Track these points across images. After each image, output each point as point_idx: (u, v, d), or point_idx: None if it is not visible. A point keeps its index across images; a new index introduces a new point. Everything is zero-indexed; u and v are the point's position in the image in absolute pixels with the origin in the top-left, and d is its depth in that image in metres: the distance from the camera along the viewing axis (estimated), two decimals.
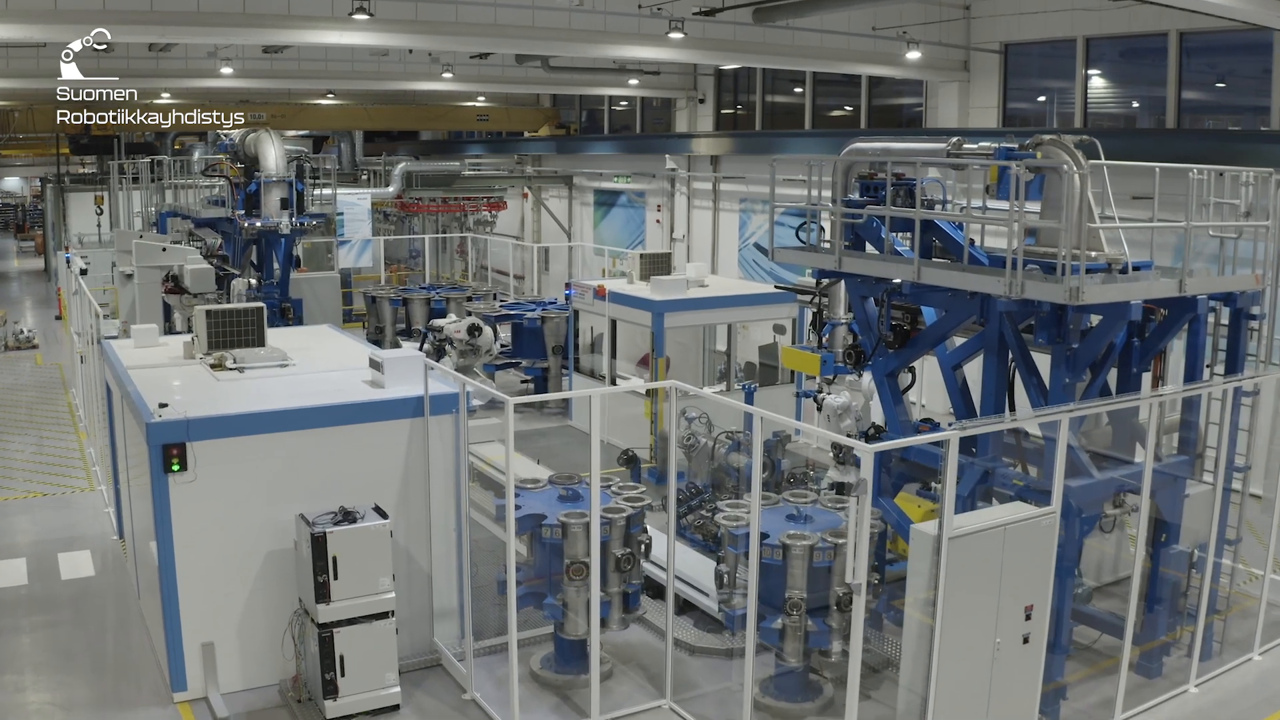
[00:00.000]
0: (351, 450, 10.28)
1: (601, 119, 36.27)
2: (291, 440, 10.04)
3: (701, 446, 15.36)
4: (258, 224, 19.17)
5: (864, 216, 11.57)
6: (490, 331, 17.39)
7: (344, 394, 10.67)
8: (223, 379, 11.40)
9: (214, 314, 12.49)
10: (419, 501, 10.61)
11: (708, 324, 19.60)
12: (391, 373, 10.79)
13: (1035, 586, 9.23)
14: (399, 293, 23.77)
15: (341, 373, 11.66)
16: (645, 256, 20.19)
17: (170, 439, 9.54)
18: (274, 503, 9.98)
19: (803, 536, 9.62)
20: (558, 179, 36.03)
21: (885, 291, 11.32)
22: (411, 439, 10.50)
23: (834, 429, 14.10)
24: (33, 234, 54.59)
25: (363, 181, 35.60)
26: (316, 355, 12.70)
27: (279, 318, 20.37)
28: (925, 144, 12.02)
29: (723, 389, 19.03)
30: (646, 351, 19.70)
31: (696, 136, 28.89)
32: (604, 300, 19.02)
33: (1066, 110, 21.71)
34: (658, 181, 30.95)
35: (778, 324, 19.51)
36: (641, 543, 10.27)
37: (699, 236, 29.42)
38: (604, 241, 33.88)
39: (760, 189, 26.95)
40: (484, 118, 36.74)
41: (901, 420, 11.86)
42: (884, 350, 11.90)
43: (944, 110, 22.51)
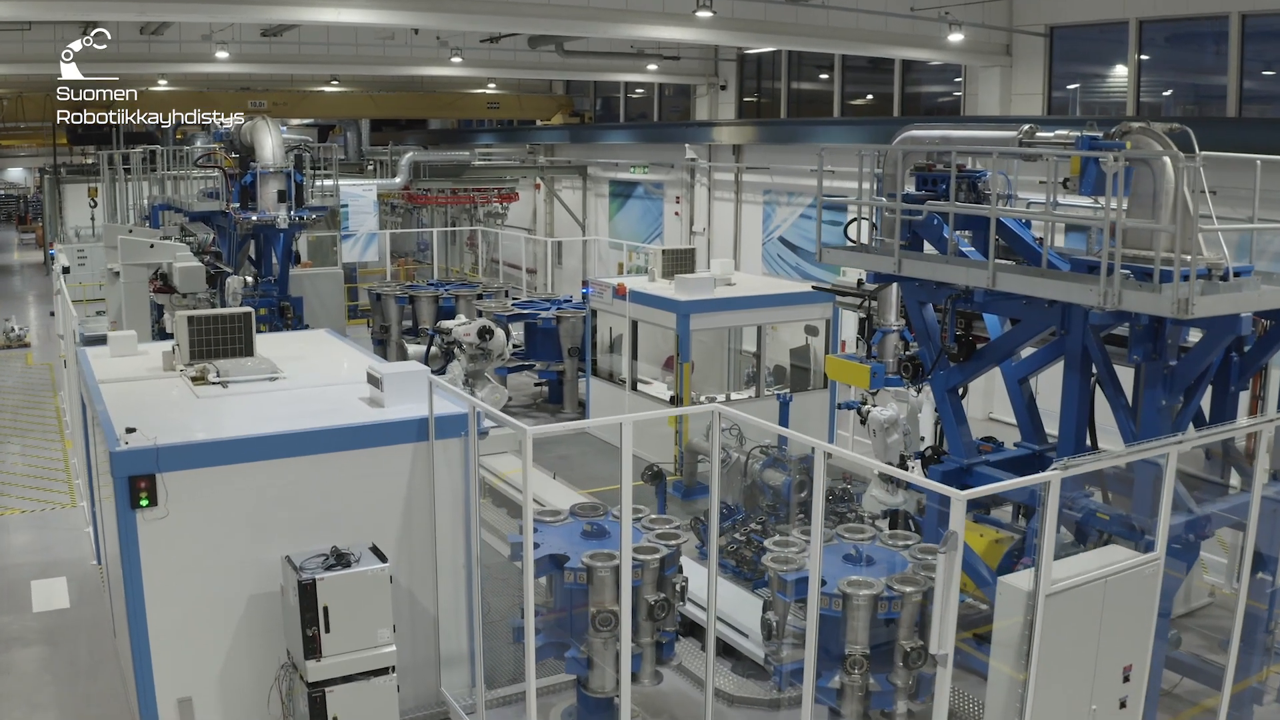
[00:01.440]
0: (347, 480, 9.03)
1: (617, 107, 34.93)
2: (278, 470, 8.79)
3: (733, 462, 14.12)
4: (253, 218, 17.92)
5: (924, 213, 10.29)
6: (502, 334, 16.11)
7: (339, 414, 9.42)
8: (203, 395, 10.14)
9: (197, 321, 11.23)
10: (423, 536, 9.36)
11: (736, 326, 18.32)
12: (392, 389, 9.54)
13: (1135, 644, 8.00)
14: (405, 290, 22.49)
15: (338, 387, 10.41)
16: (668, 253, 18.90)
17: (137, 470, 8.30)
18: (258, 541, 8.74)
19: (865, 584, 8.34)
20: (571, 169, 34.71)
21: (949, 298, 10.04)
22: (415, 466, 9.25)
23: (879, 444, 12.84)
24: (34, 226, 53.49)
25: (369, 172, 34.34)
26: (310, 366, 11.45)
27: (278, 317, 19.18)
28: (991, 131, 10.72)
29: (751, 395, 17.74)
30: (670, 354, 18.45)
31: (718, 125, 27.55)
32: (624, 300, 17.75)
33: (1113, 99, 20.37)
34: (676, 172, 29.63)
35: (810, 325, 18.22)
36: (677, 585, 9.00)
37: (720, 230, 28.11)
38: (619, 234, 32.58)
39: (786, 180, 25.65)
40: (494, 105, 35.41)
41: (965, 442, 10.58)
42: (945, 363, 10.63)
43: (984, 97, 21.15)
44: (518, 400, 21.23)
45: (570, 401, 20.20)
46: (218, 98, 28.21)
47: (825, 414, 18.12)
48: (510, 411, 20.22)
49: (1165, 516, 7.97)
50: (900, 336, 11.96)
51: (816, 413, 17.78)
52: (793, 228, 25.55)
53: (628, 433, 7.85)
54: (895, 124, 23.05)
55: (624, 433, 7.86)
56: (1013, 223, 10.13)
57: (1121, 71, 19.97)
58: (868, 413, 13.00)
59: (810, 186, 24.66)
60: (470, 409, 8.69)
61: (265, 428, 9.05)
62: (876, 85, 25.28)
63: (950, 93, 23.64)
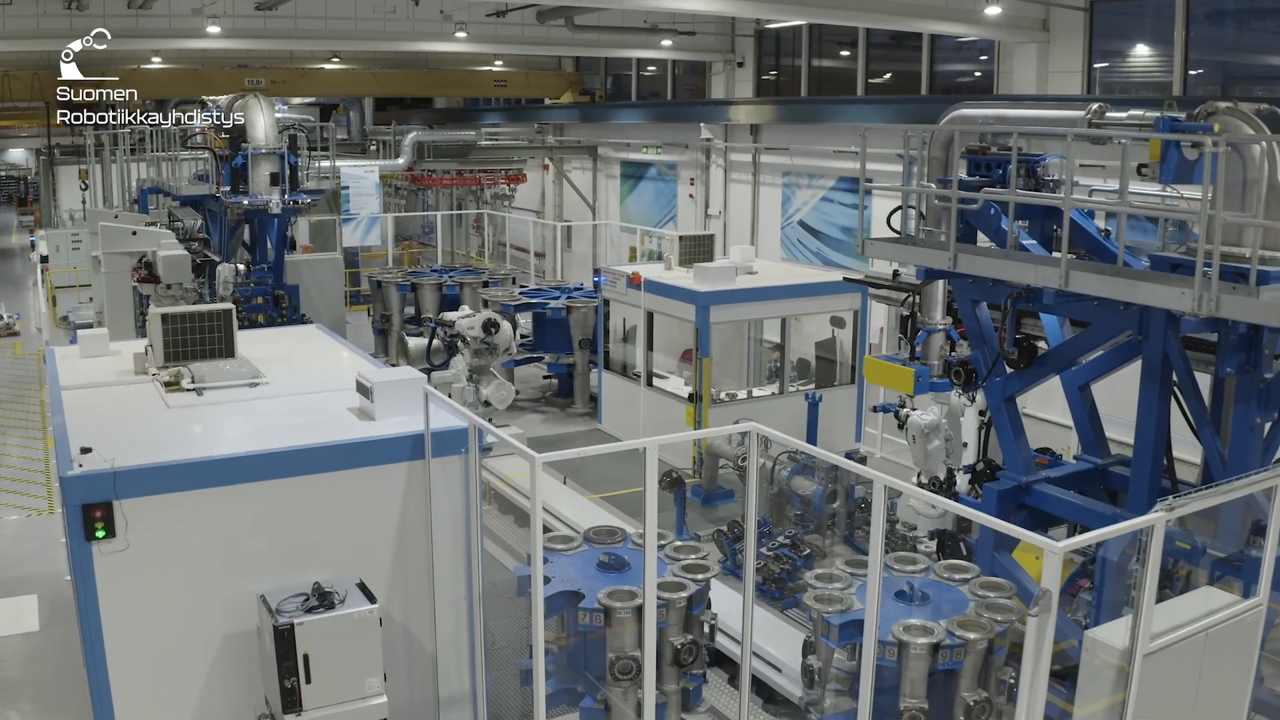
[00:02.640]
0: (333, 504, 7.99)
1: (629, 85, 33.71)
2: (255, 494, 7.75)
3: (759, 468, 13.04)
4: (244, 202, 16.86)
5: (979, 202, 9.19)
6: (509, 328, 15.06)
7: (325, 428, 8.37)
8: (175, 405, 9.09)
9: (172, 319, 10.18)
10: (419, 565, 8.32)
11: (759, 318, 17.24)
12: (383, 400, 8.48)
13: (1233, 699, 6.98)
14: (408, 277, 21.42)
15: (325, 395, 9.35)
16: (685, 239, 17.79)
17: (92, 497, 7.26)
18: (233, 574, 7.72)
19: (922, 629, 7.29)
20: (581, 149, 33.51)
21: (1009, 297, 8.94)
22: (409, 487, 8.21)
23: (919, 451, 11.76)
24: (34, 208, 52.42)
25: (371, 153, 33.19)
26: (296, 369, 10.40)
27: (272, 306, 18.15)
28: (1051, 110, 9.62)
29: (775, 391, 16.67)
30: (688, 346, 17.38)
31: (734, 104, 26.35)
32: (639, 290, 16.67)
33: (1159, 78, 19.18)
34: (691, 153, 28.46)
35: (836, 316, 17.13)
36: (706, 624, 7.97)
37: (737, 213, 26.96)
38: (631, 217, 31.43)
39: (806, 161, 24.50)
40: (501, 83, 34.18)
41: (1024, 456, 9.50)
42: (1002, 368, 9.54)
43: (1020, 75, 19.94)
44: (526, 394, 20.19)
45: (581, 396, 19.15)
46: (213, 76, 27.09)
47: (852, 411, 17.06)
48: (518, 405, 19.19)
49: (1270, 556, 6.92)
50: (946, 336, 10.88)
51: (843, 410, 16.73)
52: (813, 211, 24.40)
53: (651, 459, 6.80)
54: (924, 103, 21.90)
55: (647, 460, 6.81)
56: (1075, 213, 9.07)
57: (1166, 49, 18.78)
58: (906, 417, 11.94)
59: (833, 169, 23.53)
60: (471, 429, 7.64)
61: (240, 446, 8.00)
62: (902, 62, 24.08)
63: (982, 70, 22.44)
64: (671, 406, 16.30)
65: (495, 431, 7.29)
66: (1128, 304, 8.13)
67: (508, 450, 15.14)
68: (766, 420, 15.34)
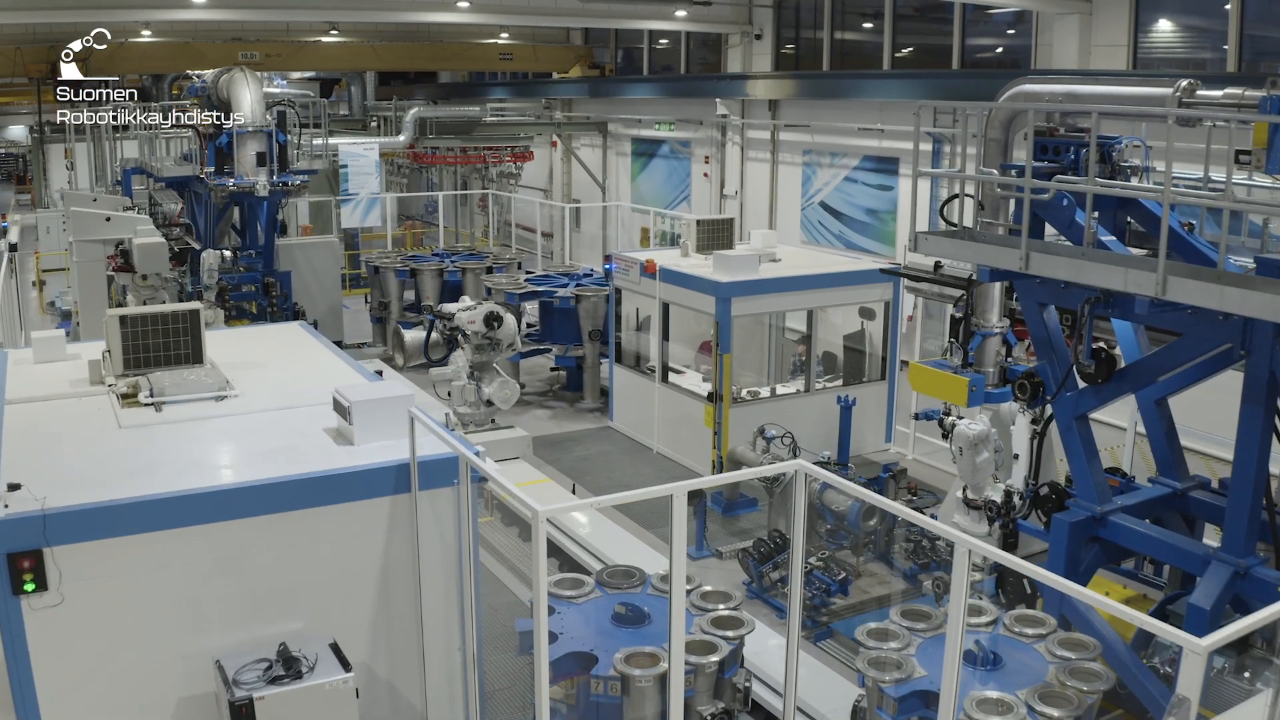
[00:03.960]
0: (304, 546, 6.87)
1: (640, 58, 32.37)
2: (213, 537, 6.63)
3: (786, 480, 11.87)
4: (230, 184, 15.70)
5: (1051, 191, 8.02)
6: (513, 321, 13.89)
7: (296, 455, 7.23)
8: (129, 424, 7.95)
9: (132, 322, 9.04)
10: (405, 615, 7.20)
11: (785, 310, 16.06)
12: (363, 421, 7.34)
13: None
14: (406, 262, 20.25)
15: (301, 410, 8.21)
16: (704, 223, 16.58)
17: (19, 544, 6.15)
18: (189, 629, 6.62)
19: (1000, 703, 6.15)
20: (591, 126, 32.20)
21: (1086, 302, 7.76)
22: (393, 525, 7.08)
23: (966, 464, 10.59)
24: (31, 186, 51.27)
25: (372, 129, 31.92)
26: (272, 376, 9.27)
27: (262, 294, 17.03)
28: (1132, 88, 8.40)
29: (800, 389, 15.49)
30: (705, 338, 16.22)
31: (752, 78, 25.03)
32: (654, 278, 15.49)
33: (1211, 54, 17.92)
34: (705, 129, 27.19)
35: (866, 307, 15.94)
36: (740, 687, 6.84)
37: (754, 193, 25.70)
38: (643, 196, 30.18)
39: (828, 139, 23.24)
40: (507, 56, 32.83)
41: (1098, 482, 8.34)
42: (1073, 382, 8.38)
43: (1060, 49, 18.64)
44: (532, 386, 19.07)
45: (591, 390, 18.00)
46: (205, 50, 25.84)
47: (882, 409, 15.90)
48: (524, 399, 18.02)
49: None
50: (1003, 340, 9.70)
51: (873, 408, 15.57)
52: (835, 192, 23.15)
53: (679, 509, 5.64)
54: (956, 78, 20.64)
55: (674, 508, 5.65)
56: (1154, 205, 7.91)
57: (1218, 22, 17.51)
58: (952, 425, 10.77)
59: (856, 147, 22.27)
60: (461, 465, 6.49)
61: (198, 478, 6.86)
62: (930, 35, 22.78)
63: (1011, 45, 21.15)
64: (688, 405, 15.15)
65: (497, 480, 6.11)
66: (1227, 314, 6.97)
67: (513, 455, 14.09)
68: (792, 421, 14.23)
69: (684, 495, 5.61)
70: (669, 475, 14.95)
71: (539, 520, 5.34)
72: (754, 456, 12.55)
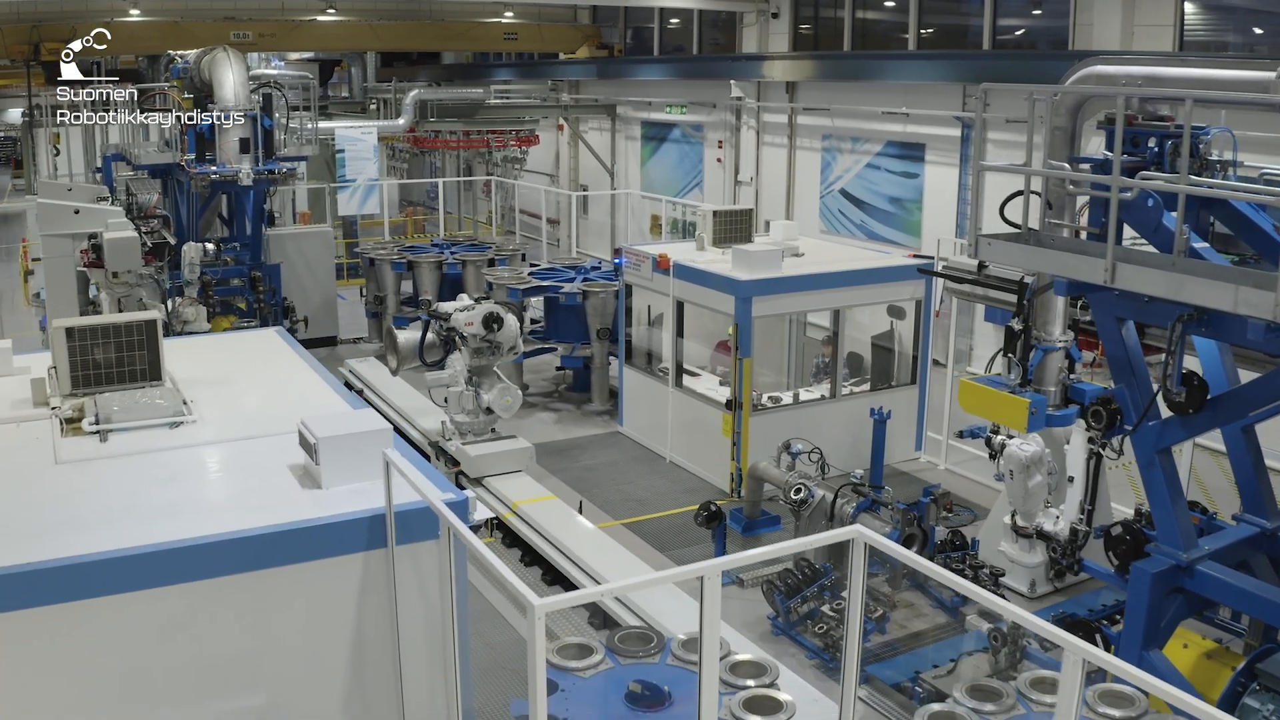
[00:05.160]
0: (263, 612, 5.80)
1: (650, 38, 31.15)
2: (158, 604, 5.56)
3: (817, 502, 10.85)
4: (211, 172, 14.60)
5: (1135, 190, 6.91)
6: (514, 322, 12.81)
7: (254, 500, 6.16)
8: (67, 458, 6.88)
9: (80, 334, 7.97)
10: (382, 688, 6.13)
11: (810, 311, 14.96)
12: (333, 460, 6.25)
13: None
14: (403, 254, 19.16)
15: (267, 440, 7.14)
16: (721, 214, 15.44)
17: None
18: (131, 710, 5.56)
19: None
20: (599, 109, 31.01)
21: (1179, 321, 6.64)
22: (367, 587, 6.00)
23: (1017, 489, 9.51)
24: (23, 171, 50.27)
25: (372, 112, 30.77)
26: (237, 396, 8.20)
27: (249, 289, 15.96)
28: (1222, 70, 7.27)
29: (825, 394, 14.39)
30: (723, 338, 15.13)
31: (769, 59, 23.84)
32: (667, 274, 14.39)
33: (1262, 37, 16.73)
34: (719, 113, 26.01)
35: (895, 306, 14.83)
36: None
37: (770, 180, 24.54)
38: (653, 182, 29.02)
39: (849, 124, 22.07)
40: (512, 36, 31.63)
41: (1184, 527, 7.24)
42: (1156, 410, 7.28)
43: (1102, 29, 17.42)
44: (536, 387, 18.00)
45: (599, 392, 16.90)
46: (196, 30, 24.70)
47: (912, 415, 14.80)
48: (528, 401, 16.94)
49: None
50: (1066, 355, 8.59)
51: (903, 414, 14.44)
52: (857, 179, 21.99)
53: (713, 592, 4.55)
54: (987, 59, 19.43)
55: (705, 592, 4.57)
56: (1246, 207, 6.83)
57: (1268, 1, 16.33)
58: (1001, 445, 9.69)
59: (879, 131, 21.09)
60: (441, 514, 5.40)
61: (137, 532, 5.78)
62: (958, 15, 21.57)
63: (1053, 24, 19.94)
64: (704, 412, 14.06)
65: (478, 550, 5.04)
66: None
67: (515, 468, 13.02)
68: (817, 430, 13.12)
69: (717, 577, 4.52)
70: (683, 488, 13.88)
71: (535, 615, 4.26)
72: (778, 473, 11.46)
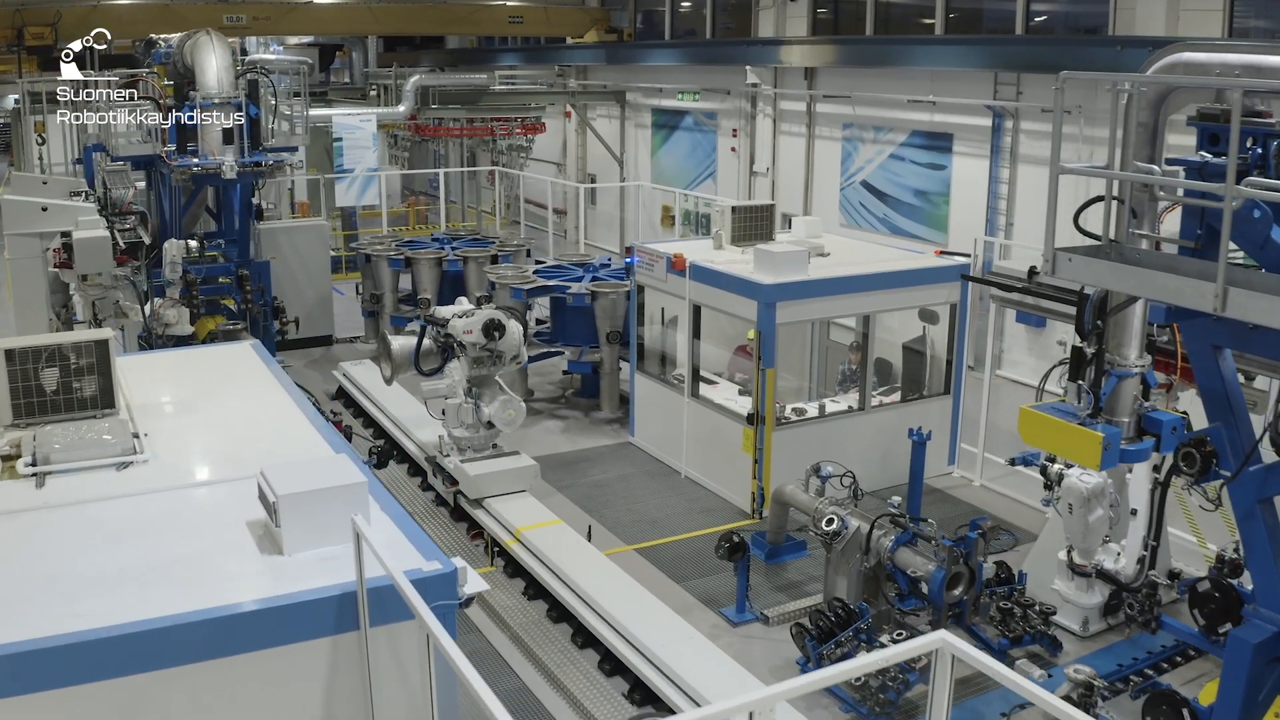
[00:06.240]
0: (217, 709, 4.82)
1: (662, 21, 30.05)
2: (88, 702, 4.59)
3: (851, 534, 9.85)
4: (193, 165, 13.59)
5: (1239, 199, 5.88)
6: (517, 329, 11.83)
7: (206, 574, 5.17)
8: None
9: (19, 357, 6.98)
10: None
11: (839, 316, 13.94)
12: (296, 522, 5.25)
13: None
14: (401, 250, 18.15)
15: (226, 487, 6.15)
16: (739, 211, 14.39)
17: None
18: None
19: None
20: (607, 95, 29.92)
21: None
22: (336, 675, 5.01)
23: (1077, 524, 8.53)
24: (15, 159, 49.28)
25: (372, 99, 29.72)
26: (198, 427, 7.21)
27: (235, 289, 14.97)
28: None
29: (853, 405, 13.36)
30: (744, 342, 14.13)
31: (786, 43, 22.75)
32: (683, 276, 13.36)
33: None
34: (733, 100, 24.92)
35: (928, 309, 13.79)
36: None
37: (787, 170, 23.47)
38: (664, 171, 27.95)
39: (872, 112, 21.01)
40: (517, 19, 30.53)
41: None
42: (1258, 455, 6.25)
43: (1145, 15, 16.31)
44: (542, 392, 16.99)
45: (609, 399, 15.88)
46: (186, 13, 23.67)
47: (946, 427, 13.77)
48: (532, 407, 15.90)
49: None
50: (1142, 382, 7.56)
51: (935, 426, 13.29)
52: (879, 170, 20.92)
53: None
54: (1020, 45, 18.35)
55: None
56: None
57: None
58: (1059, 476, 8.68)
59: (904, 121, 20.01)
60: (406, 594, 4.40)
61: (64, 615, 4.79)
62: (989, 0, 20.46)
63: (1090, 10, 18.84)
64: (723, 425, 13.03)
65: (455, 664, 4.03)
66: None
67: (518, 487, 12.03)
68: (846, 445, 12.07)
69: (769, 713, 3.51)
70: (700, 508, 12.88)
71: None
72: (806, 499, 10.44)
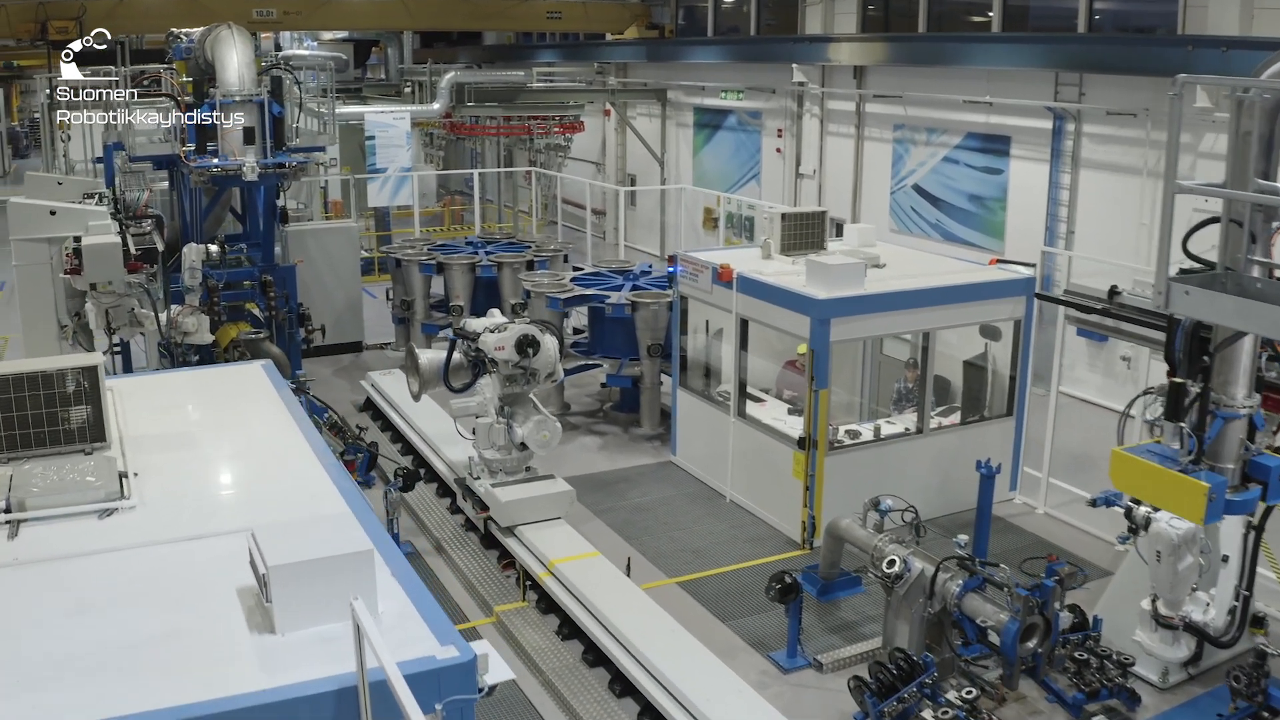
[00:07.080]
0: None
1: (704, 18, 29.16)
2: None
3: (915, 577, 9.00)
4: (212, 165, 12.91)
5: None
6: (552, 345, 11.07)
7: (188, 656, 4.41)
8: None
9: (2, 384, 6.28)
10: None
11: (897, 333, 13.07)
12: (289, 598, 4.48)
13: None
14: (433, 255, 17.43)
15: (219, 542, 5.39)
16: (790, 218, 13.54)
17: None
18: None
19: None
20: (648, 93, 29.09)
21: None
22: None
23: (1165, 572, 7.71)
24: None
25: (407, 96, 29.05)
26: (193, 468, 6.47)
27: (259, 295, 14.31)
28: None
29: (911, 427, 12.47)
30: (794, 356, 13.27)
31: (835, 41, 21.82)
32: (729, 288, 12.54)
33: None
34: (779, 99, 24.02)
35: (990, 325, 12.88)
36: None
37: (835, 173, 22.55)
38: (705, 173, 27.09)
39: (924, 113, 20.08)
40: (555, 15, 29.75)
41: None
42: None
43: (1216, 14, 15.26)
44: (579, 405, 16.23)
45: (649, 415, 15.03)
46: (214, 6, 23.02)
47: (1008, 450, 12.86)
48: (570, 424, 15.14)
49: None
50: (1250, 423, 6.68)
51: (997, 449, 12.44)
52: (932, 174, 19.97)
53: None
54: (1083, 44, 17.36)
55: None
56: None
57: None
58: (1146, 520, 7.82)
59: (959, 122, 19.07)
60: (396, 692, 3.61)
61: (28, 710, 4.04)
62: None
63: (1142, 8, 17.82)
64: (770, 447, 12.19)
65: None
66: None
67: (552, 514, 11.26)
68: (903, 471, 11.17)
69: None
70: (747, 536, 12.06)
71: None
72: (864, 535, 9.58)
